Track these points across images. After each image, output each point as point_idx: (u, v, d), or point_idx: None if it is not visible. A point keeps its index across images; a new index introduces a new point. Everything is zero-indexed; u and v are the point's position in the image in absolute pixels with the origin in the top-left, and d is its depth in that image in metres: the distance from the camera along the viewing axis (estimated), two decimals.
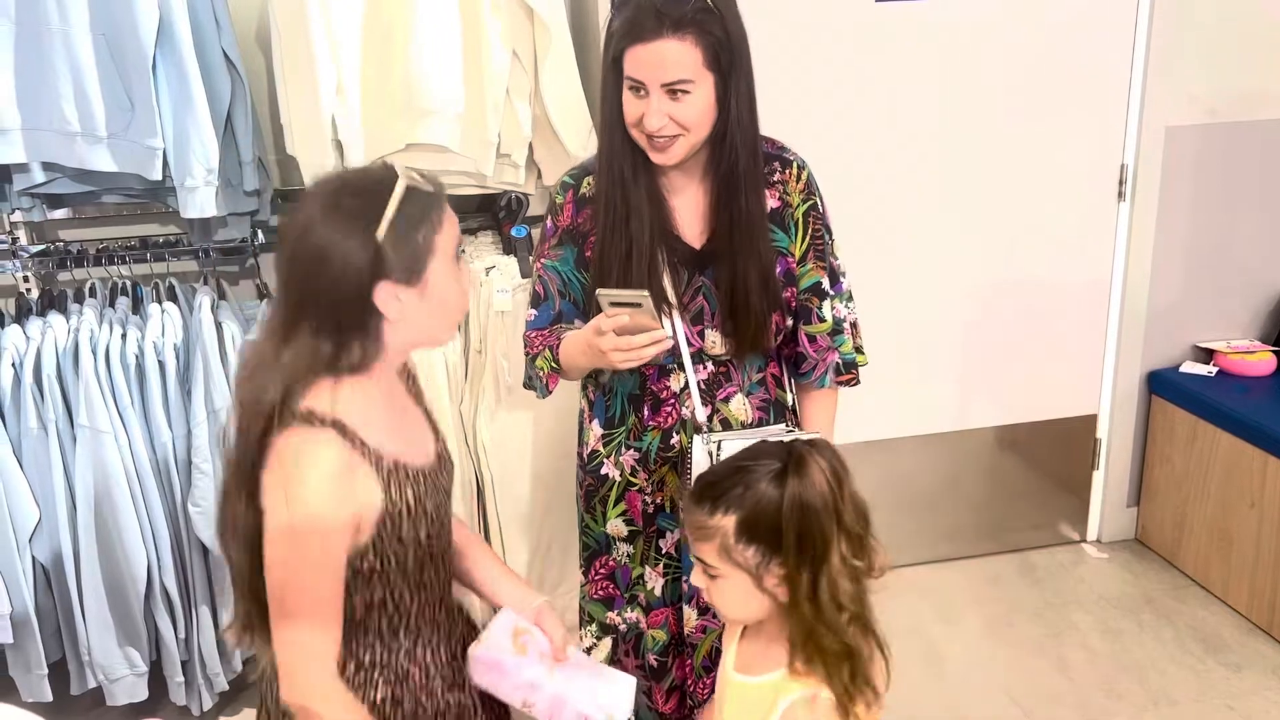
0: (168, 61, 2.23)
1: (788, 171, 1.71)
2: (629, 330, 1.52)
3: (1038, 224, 2.91)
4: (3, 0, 2.18)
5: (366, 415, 1.30)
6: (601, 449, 1.79)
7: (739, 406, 1.74)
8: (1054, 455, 3.17)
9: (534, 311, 1.77)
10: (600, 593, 1.86)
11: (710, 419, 1.71)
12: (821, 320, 1.74)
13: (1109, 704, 2.53)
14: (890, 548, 3.00)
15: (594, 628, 1.88)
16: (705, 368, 1.71)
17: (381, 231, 1.22)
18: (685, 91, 1.54)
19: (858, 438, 2.83)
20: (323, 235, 1.23)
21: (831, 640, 1.29)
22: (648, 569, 1.81)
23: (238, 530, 1.31)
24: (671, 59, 1.52)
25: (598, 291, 1.55)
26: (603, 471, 1.80)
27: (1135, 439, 3.15)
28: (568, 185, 1.74)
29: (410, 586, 1.38)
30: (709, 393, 1.71)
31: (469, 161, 2.38)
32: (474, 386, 2.48)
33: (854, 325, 1.81)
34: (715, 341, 1.69)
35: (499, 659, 1.43)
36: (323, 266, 1.23)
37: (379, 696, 1.37)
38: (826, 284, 1.73)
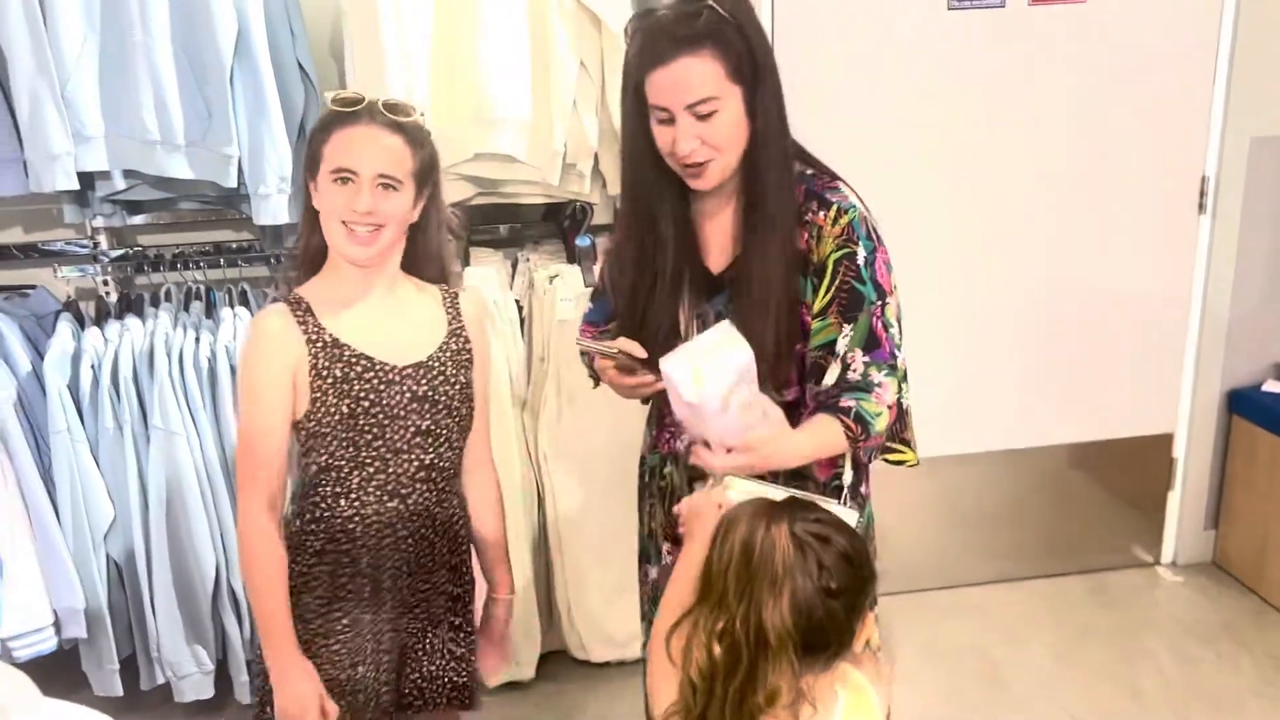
0: (244, 71, 2.28)
1: (824, 213, 1.53)
2: (625, 366, 1.53)
3: (1114, 235, 2.84)
4: (89, 13, 2.25)
5: (330, 301, 1.62)
6: (646, 456, 1.80)
7: None
8: (1127, 474, 3.08)
9: (590, 305, 1.78)
10: (650, 596, 1.86)
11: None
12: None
13: None
14: (955, 566, 2.98)
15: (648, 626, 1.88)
16: None
17: (310, 135, 1.60)
18: (712, 110, 1.46)
19: (920, 453, 2.79)
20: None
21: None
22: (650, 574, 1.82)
23: None
24: (693, 78, 1.45)
25: (576, 342, 1.59)
26: (644, 478, 1.81)
27: (1214, 459, 3.05)
28: None
29: (348, 456, 1.63)
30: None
31: (535, 171, 2.39)
32: (536, 395, 2.49)
33: (898, 407, 1.54)
34: None
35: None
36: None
37: (317, 546, 1.65)
38: (849, 343, 1.52)
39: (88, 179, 2.37)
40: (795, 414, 1.56)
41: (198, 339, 2.37)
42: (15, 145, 2.31)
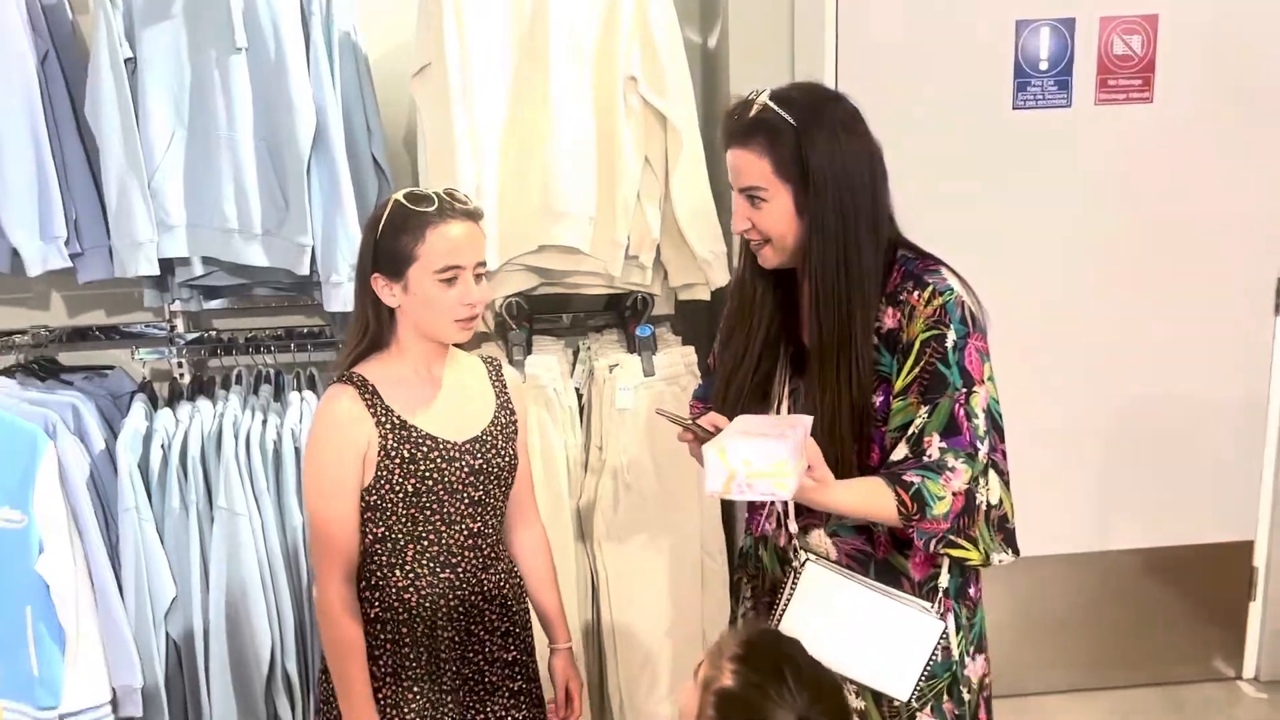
0: (321, 165, 2.37)
1: (919, 293, 1.52)
2: (704, 440, 1.53)
3: (1188, 337, 2.78)
4: (179, 108, 2.36)
5: (394, 382, 1.68)
6: (743, 544, 1.81)
7: (818, 542, 1.62)
8: (1206, 582, 2.96)
9: (700, 381, 1.83)
10: None
11: (791, 545, 1.62)
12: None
13: None
14: (1024, 674, 2.86)
15: None
16: None
17: (378, 233, 1.64)
18: (761, 199, 1.53)
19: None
20: (361, 240, 1.71)
21: None
22: None
23: None
24: (741, 168, 1.53)
25: (656, 410, 1.60)
26: (745, 566, 1.81)
27: None
28: None
29: (405, 530, 1.70)
30: (792, 513, 1.63)
31: (598, 262, 2.43)
32: (592, 482, 2.48)
33: (966, 498, 1.47)
34: None
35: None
36: (357, 263, 1.70)
37: (373, 613, 1.72)
38: (927, 426, 1.48)
39: (168, 264, 2.46)
40: None
41: (264, 421, 2.41)
42: (103, 232, 2.42)
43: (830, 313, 1.52)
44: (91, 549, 2.35)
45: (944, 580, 1.57)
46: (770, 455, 1.31)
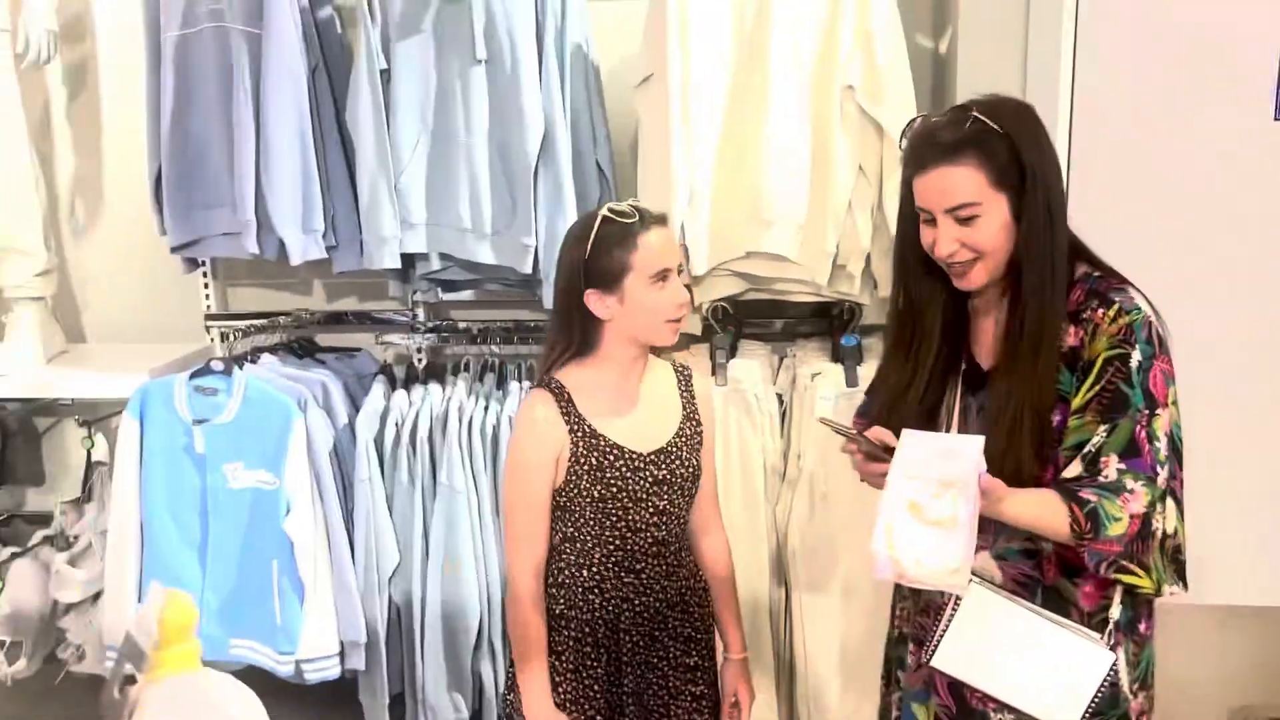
0: (547, 169, 2.51)
1: (1103, 310, 1.49)
2: (871, 455, 1.51)
3: None
4: (424, 114, 2.56)
5: (590, 390, 1.77)
6: None
7: (983, 565, 1.56)
8: None
9: (865, 397, 1.81)
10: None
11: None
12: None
13: None
14: None
15: None
16: None
17: (586, 252, 1.70)
18: (973, 215, 1.48)
19: (1224, 599, 2.50)
20: (563, 258, 1.78)
21: None
22: (891, 698, 1.75)
23: None
24: (952, 186, 1.48)
25: (818, 418, 1.58)
26: (898, 586, 1.77)
27: None
28: None
29: (593, 533, 1.77)
30: None
31: (805, 270, 2.43)
32: (790, 490, 2.49)
33: (1143, 523, 1.41)
34: None
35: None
36: (561, 280, 1.77)
37: (558, 609, 1.80)
38: (1104, 446, 1.44)
39: (409, 259, 2.68)
40: None
41: (486, 408, 2.59)
42: (355, 227, 2.66)
43: (1029, 320, 1.49)
44: (330, 513, 2.60)
45: (1115, 612, 1.50)
46: (944, 560, 1.31)
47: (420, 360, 2.91)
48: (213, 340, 2.98)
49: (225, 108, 2.58)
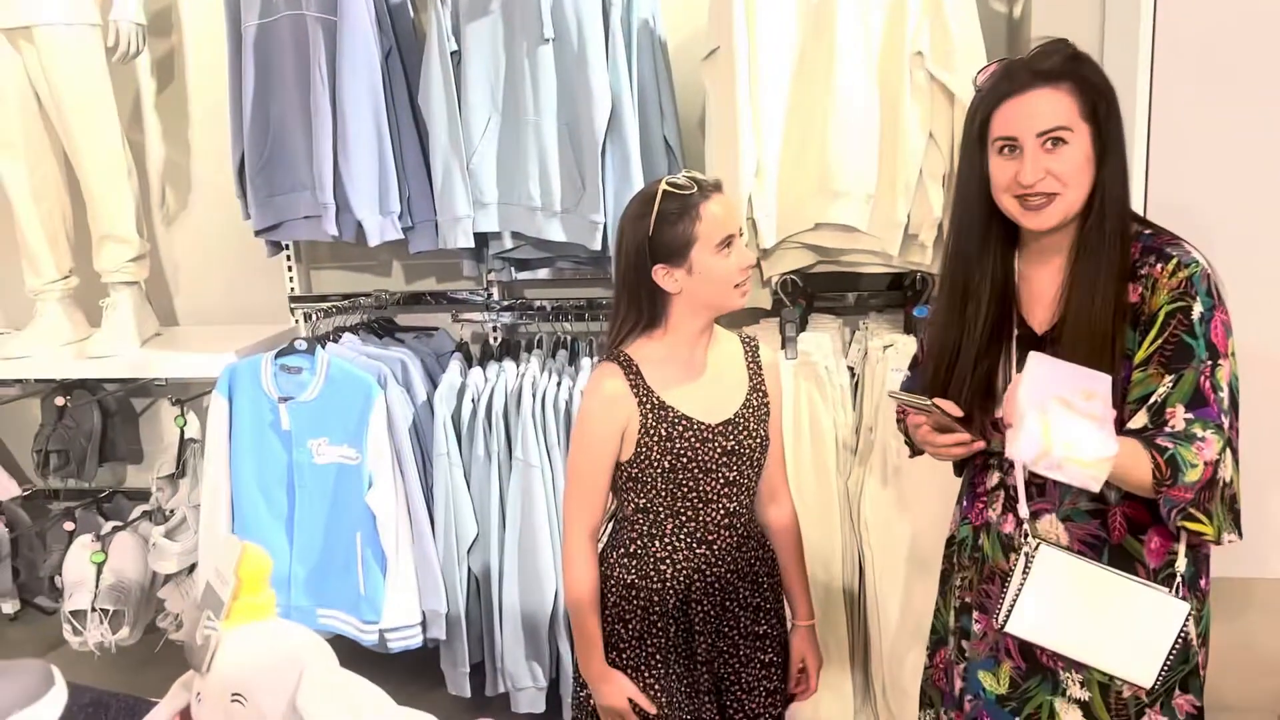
0: (615, 148, 2.53)
1: (1161, 265, 1.50)
2: (941, 425, 1.49)
3: None
4: (494, 95, 2.60)
5: (658, 362, 1.78)
6: (956, 533, 1.74)
7: (1048, 529, 1.57)
8: None
9: (908, 373, 1.80)
10: (939, 681, 1.80)
11: (1020, 531, 1.55)
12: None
13: None
14: None
15: (931, 713, 1.81)
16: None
17: (650, 228, 1.71)
18: (1063, 141, 1.48)
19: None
20: (625, 236, 1.76)
21: None
22: (955, 669, 1.73)
23: None
24: (1048, 108, 1.49)
25: (888, 393, 1.56)
26: (953, 557, 1.75)
27: None
28: None
29: (665, 504, 1.79)
30: (1023, 498, 1.55)
31: (875, 240, 2.41)
32: (861, 463, 2.49)
33: (1213, 470, 1.41)
34: None
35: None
36: (626, 258, 1.76)
37: (629, 578, 1.82)
38: (1171, 397, 1.44)
39: (482, 239, 2.73)
40: None
41: (559, 384, 2.63)
42: (430, 208, 2.72)
43: (1091, 269, 1.50)
44: (410, 487, 2.68)
45: (1181, 565, 1.50)
46: (1098, 448, 1.30)
47: (496, 338, 2.97)
48: (297, 321, 3.08)
49: (303, 94, 2.66)
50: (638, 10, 2.53)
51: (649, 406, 1.76)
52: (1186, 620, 1.45)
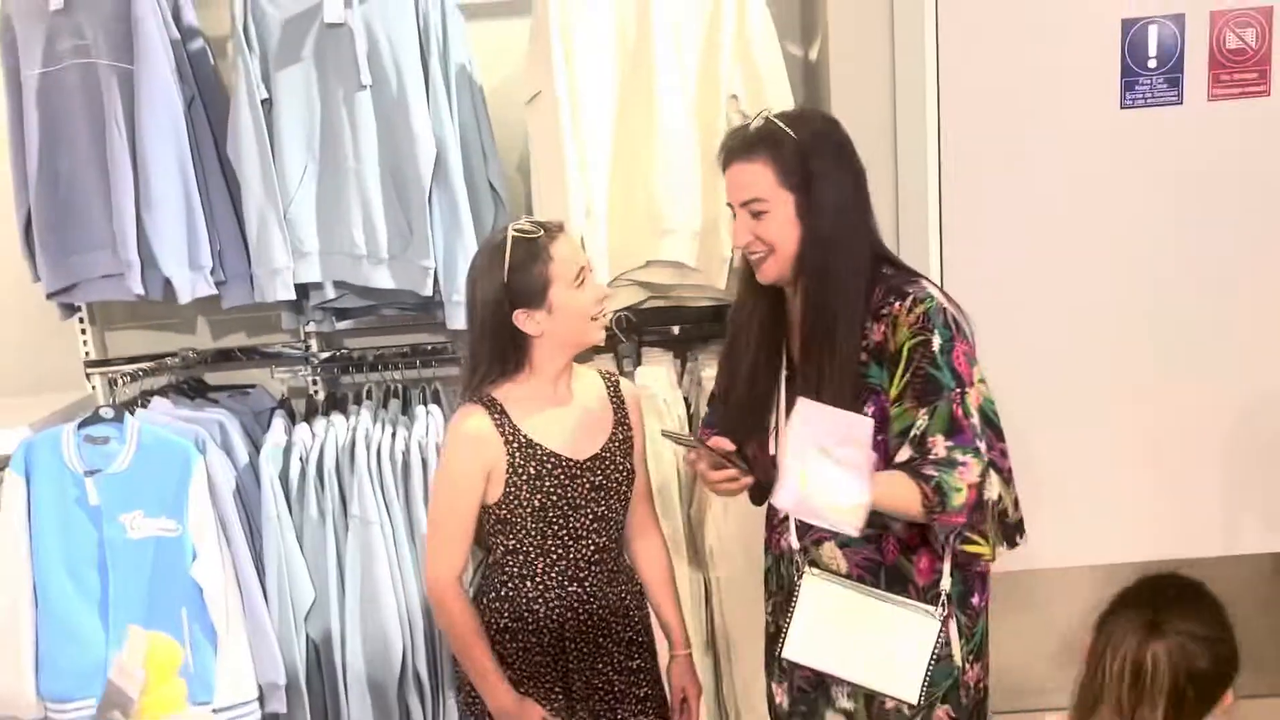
0: (441, 192, 2.51)
1: (899, 303, 1.60)
2: (714, 462, 1.59)
3: None
4: (310, 143, 2.53)
5: (522, 400, 1.79)
6: (766, 562, 1.88)
7: (830, 555, 1.69)
8: None
9: (708, 409, 1.93)
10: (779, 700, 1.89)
11: (804, 556, 1.68)
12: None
13: None
14: None
15: None
16: None
17: (505, 276, 1.72)
18: (763, 211, 1.61)
19: (1106, 559, 2.68)
20: (478, 288, 1.77)
21: None
22: (772, 683, 1.85)
23: None
24: (744, 181, 1.63)
25: (660, 431, 1.75)
26: (768, 584, 1.88)
27: None
28: None
29: (535, 544, 1.79)
30: (805, 527, 1.69)
31: (703, 275, 2.50)
32: (700, 492, 2.55)
33: (978, 492, 1.54)
34: None
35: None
36: (483, 308, 1.76)
37: (503, 622, 1.82)
38: (929, 428, 1.55)
39: (302, 289, 2.63)
40: None
41: (394, 434, 2.56)
42: (244, 261, 2.60)
43: (819, 315, 1.61)
44: (238, 555, 2.53)
45: (945, 583, 1.63)
46: (853, 496, 1.38)
47: (318, 392, 2.86)
48: (94, 388, 2.86)
49: (97, 146, 2.49)
50: (454, 55, 2.52)
51: (516, 445, 1.75)
52: (941, 634, 1.58)
